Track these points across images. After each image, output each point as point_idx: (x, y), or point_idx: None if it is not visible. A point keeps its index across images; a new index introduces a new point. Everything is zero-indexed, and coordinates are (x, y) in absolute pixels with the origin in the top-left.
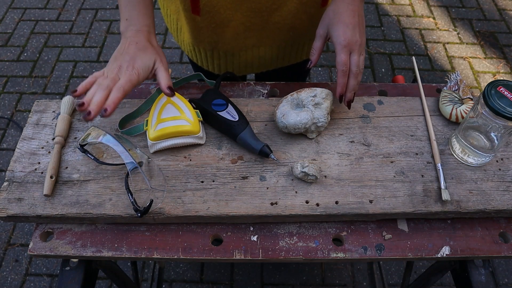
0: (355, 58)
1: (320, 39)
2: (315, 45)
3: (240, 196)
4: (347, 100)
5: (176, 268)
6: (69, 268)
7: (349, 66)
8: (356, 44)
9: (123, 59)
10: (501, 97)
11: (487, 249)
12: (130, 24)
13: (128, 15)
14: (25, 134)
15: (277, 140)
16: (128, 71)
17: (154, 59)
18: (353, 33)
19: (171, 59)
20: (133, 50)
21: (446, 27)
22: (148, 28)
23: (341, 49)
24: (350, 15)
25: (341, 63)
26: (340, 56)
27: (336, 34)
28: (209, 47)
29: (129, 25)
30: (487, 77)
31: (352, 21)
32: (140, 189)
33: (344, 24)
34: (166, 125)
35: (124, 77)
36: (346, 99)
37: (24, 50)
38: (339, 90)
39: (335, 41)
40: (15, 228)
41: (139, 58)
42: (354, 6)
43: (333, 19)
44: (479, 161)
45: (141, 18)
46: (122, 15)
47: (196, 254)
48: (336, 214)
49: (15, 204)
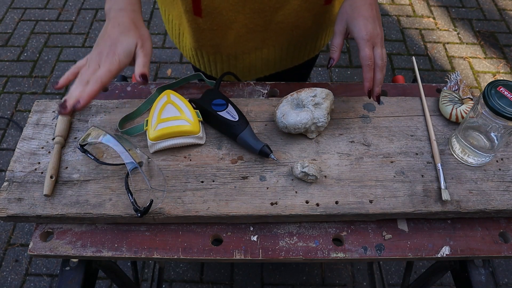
0: (378, 51)
1: (340, 35)
2: (335, 42)
3: (240, 196)
4: (376, 95)
5: (176, 268)
6: (69, 268)
7: (374, 59)
8: (378, 37)
9: (104, 44)
10: (501, 97)
11: (487, 249)
12: (114, 2)
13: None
14: (25, 134)
15: (277, 140)
16: (108, 58)
17: (135, 43)
18: (373, 26)
19: (171, 59)
20: (115, 33)
21: (446, 27)
22: (133, 6)
23: (365, 43)
24: (369, 9)
25: (366, 58)
26: (364, 51)
27: (358, 29)
28: (212, 51)
29: (113, 3)
30: (487, 77)
31: (371, 14)
32: (140, 189)
33: (364, 18)
34: (166, 125)
35: (103, 66)
36: (374, 94)
37: (24, 50)
38: (367, 85)
39: (357, 35)
40: (15, 228)
41: (120, 43)
42: (371, 0)
43: (352, 13)
44: (479, 161)
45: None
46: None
47: (196, 254)
48: (336, 214)
49: (15, 204)
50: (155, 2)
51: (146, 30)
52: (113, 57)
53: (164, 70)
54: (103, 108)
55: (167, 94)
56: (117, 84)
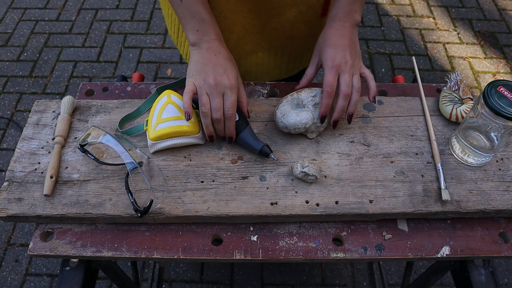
0: (345, 78)
1: (313, 66)
2: (307, 71)
3: (240, 196)
4: (333, 120)
5: (176, 268)
6: (69, 268)
7: (339, 86)
8: (346, 65)
9: (217, 72)
10: (501, 97)
11: (487, 249)
12: (203, 34)
13: (199, 26)
14: (25, 134)
15: (277, 140)
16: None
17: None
18: (343, 54)
19: (171, 59)
20: (221, 60)
21: (446, 27)
22: (220, 36)
23: (328, 70)
24: (339, 39)
25: (326, 84)
26: (326, 77)
27: (324, 57)
28: None
29: (202, 35)
30: (487, 77)
31: (341, 43)
32: (140, 189)
33: (333, 47)
34: (166, 125)
35: (229, 98)
36: (332, 119)
37: (24, 50)
38: (321, 111)
39: (324, 64)
40: (15, 228)
41: (229, 68)
42: (344, 31)
43: (323, 44)
44: (479, 161)
45: (213, 26)
46: (190, 26)
47: (196, 254)
48: (336, 214)
49: (15, 204)
50: (155, 2)
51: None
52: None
53: (164, 70)
54: (103, 108)
55: (167, 94)
56: (117, 84)
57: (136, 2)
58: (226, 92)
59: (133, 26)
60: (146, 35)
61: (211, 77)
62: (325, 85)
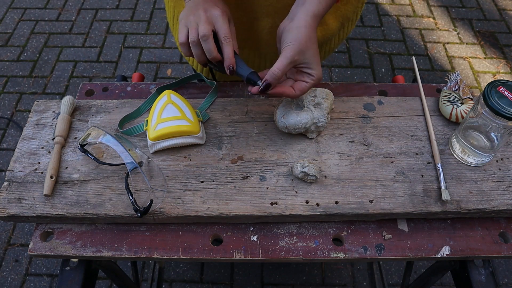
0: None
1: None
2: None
3: (240, 196)
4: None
5: (176, 268)
6: (69, 268)
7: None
8: None
9: (207, 4)
10: (501, 97)
11: (487, 249)
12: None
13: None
14: (25, 134)
15: (277, 140)
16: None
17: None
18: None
19: (171, 59)
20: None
21: (446, 27)
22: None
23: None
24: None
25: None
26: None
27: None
28: None
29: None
30: (487, 77)
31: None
32: (140, 189)
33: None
34: (166, 125)
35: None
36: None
37: (24, 50)
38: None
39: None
40: (15, 228)
41: (220, 3)
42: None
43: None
44: (479, 161)
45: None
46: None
47: (196, 254)
48: (336, 214)
49: (15, 204)
50: (155, 2)
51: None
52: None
53: (164, 70)
54: (103, 108)
55: (167, 94)
56: (117, 84)
57: (136, 2)
58: (217, 21)
59: (133, 26)
60: (146, 35)
61: (201, 9)
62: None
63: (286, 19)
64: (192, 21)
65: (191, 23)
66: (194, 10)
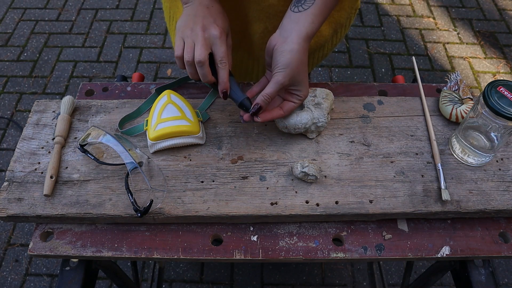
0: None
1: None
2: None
3: (240, 196)
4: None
5: (176, 268)
6: (69, 268)
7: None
8: None
9: (206, 20)
10: (501, 97)
11: (487, 249)
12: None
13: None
14: (25, 134)
15: (277, 140)
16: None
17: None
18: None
19: (171, 59)
20: (213, 12)
21: (446, 27)
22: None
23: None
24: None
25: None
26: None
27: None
28: None
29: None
30: (487, 77)
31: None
32: (140, 189)
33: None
34: (166, 125)
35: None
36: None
37: (24, 50)
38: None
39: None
40: (15, 228)
41: (220, 19)
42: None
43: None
44: (479, 161)
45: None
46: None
47: (196, 254)
48: (336, 214)
49: (15, 204)
50: (155, 2)
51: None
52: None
53: (164, 70)
54: (103, 108)
55: (167, 94)
56: (117, 84)
57: (136, 2)
58: (215, 43)
59: (133, 26)
60: (146, 35)
61: (199, 26)
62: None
63: (278, 35)
64: (189, 37)
65: (188, 39)
66: (192, 24)
